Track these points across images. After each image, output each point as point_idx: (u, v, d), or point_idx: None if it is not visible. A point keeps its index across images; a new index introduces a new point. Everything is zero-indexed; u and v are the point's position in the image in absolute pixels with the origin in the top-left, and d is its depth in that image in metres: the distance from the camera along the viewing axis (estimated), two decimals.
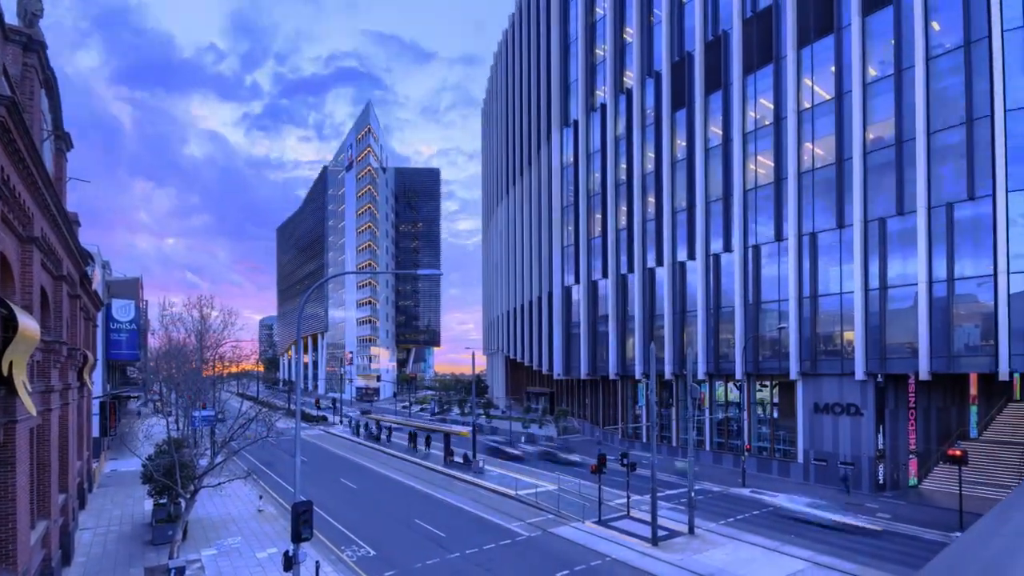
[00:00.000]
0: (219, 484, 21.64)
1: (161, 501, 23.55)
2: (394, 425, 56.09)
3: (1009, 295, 26.57)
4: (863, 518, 26.33)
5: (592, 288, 52.20)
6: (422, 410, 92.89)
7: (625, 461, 26.24)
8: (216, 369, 30.71)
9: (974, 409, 37.91)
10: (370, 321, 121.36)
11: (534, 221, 64.19)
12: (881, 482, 31.81)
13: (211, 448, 22.76)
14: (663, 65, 44.24)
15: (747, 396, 38.65)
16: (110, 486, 32.99)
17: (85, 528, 24.11)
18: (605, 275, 50.04)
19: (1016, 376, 38.06)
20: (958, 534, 23.78)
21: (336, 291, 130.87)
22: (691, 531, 23.56)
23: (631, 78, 47.78)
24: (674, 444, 43.50)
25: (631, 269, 47.19)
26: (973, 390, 37.65)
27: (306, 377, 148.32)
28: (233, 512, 27.17)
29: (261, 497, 29.24)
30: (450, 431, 43.36)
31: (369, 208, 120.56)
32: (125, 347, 44.32)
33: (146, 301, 60.05)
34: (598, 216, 51.31)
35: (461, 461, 39.45)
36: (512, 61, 73.24)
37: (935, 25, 29.80)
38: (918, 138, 29.72)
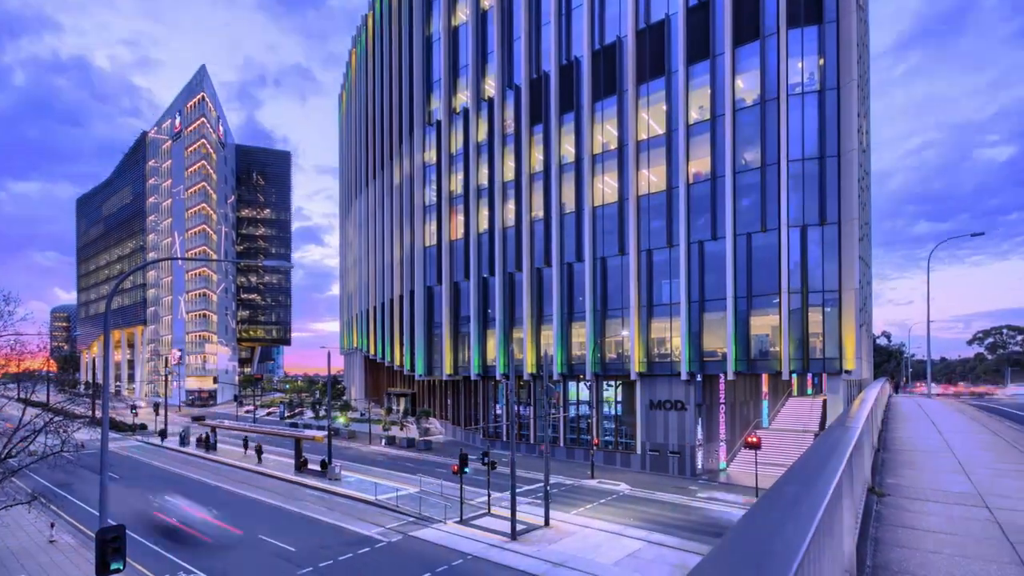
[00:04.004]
0: None
1: None
2: (234, 432, 51.05)
3: (789, 311, 33.20)
4: (684, 498, 30.91)
5: (454, 289, 52.82)
6: (269, 415, 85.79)
7: (486, 460, 27.43)
8: None
9: (766, 403, 46.39)
10: (205, 315, 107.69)
11: (395, 218, 62.36)
12: (700, 467, 37.46)
13: None
14: (522, 80, 46.25)
15: (596, 395, 42.59)
16: None
17: None
18: (467, 277, 50.93)
19: (794, 376, 47.47)
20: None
21: (162, 279, 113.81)
22: (547, 523, 25.55)
23: (492, 87, 49.12)
24: (532, 441, 46.21)
25: (492, 272, 48.72)
26: (765, 388, 46.07)
27: (120, 379, 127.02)
28: (14, 545, 23.19)
29: (53, 525, 24.81)
30: (302, 436, 40.90)
31: (203, 187, 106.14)
32: None
33: None
34: (461, 218, 51.89)
35: (316, 468, 37.48)
36: (374, 48, 70.33)
37: (740, 82, 35.85)
38: (727, 176, 35.52)
